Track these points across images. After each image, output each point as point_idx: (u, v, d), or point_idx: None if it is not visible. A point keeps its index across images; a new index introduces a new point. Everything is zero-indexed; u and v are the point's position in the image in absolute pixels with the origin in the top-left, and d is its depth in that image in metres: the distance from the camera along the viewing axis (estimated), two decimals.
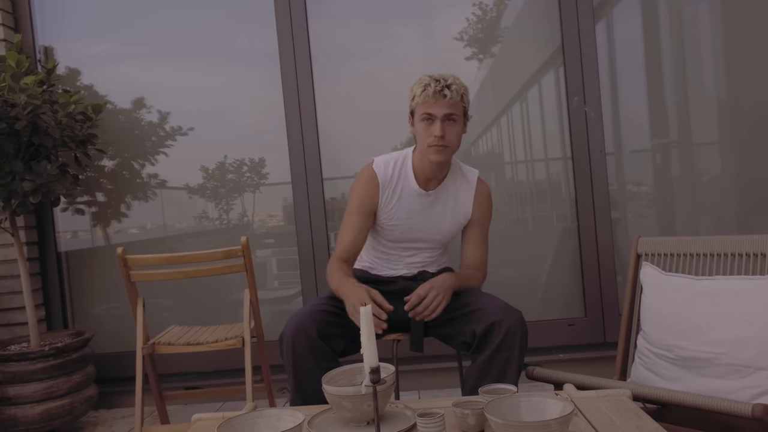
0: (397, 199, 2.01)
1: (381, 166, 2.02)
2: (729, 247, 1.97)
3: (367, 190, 2.01)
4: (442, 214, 2.05)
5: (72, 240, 3.24)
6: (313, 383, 1.80)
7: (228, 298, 3.20)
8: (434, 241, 2.09)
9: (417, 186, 2.01)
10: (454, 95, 1.86)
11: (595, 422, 1.40)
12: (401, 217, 2.03)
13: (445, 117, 1.87)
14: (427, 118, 1.89)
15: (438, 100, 1.85)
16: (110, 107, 3.16)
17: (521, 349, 1.80)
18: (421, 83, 1.90)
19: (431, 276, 2.07)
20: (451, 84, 1.87)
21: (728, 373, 1.76)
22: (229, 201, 3.20)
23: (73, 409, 2.63)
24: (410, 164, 2.02)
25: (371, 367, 1.17)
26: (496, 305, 1.85)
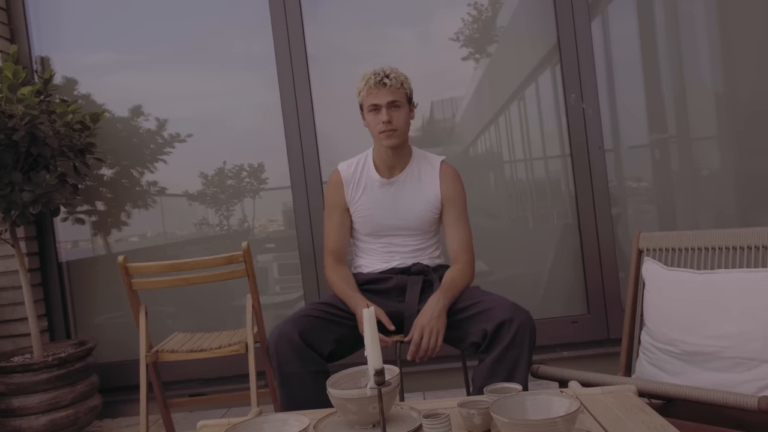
0: (361, 192, 2.12)
1: (344, 166, 2.17)
2: (730, 240, 1.97)
3: (333, 189, 2.16)
4: (410, 199, 2.10)
5: (73, 250, 3.24)
6: (301, 387, 1.82)
7: (230, 304, 3.19)
8: (410, 228, 2.11)
9: (378, 176, 2.10)
10: (393, 82, 1.99)
11: (601, 419, 1.40)
12: (368, 208, 2.11)
13: (389, 104, 2.00)
14: (373, 109, 2.02)
15: (380, 90, 1.99)
16: (108, 116, 3.16)
17: (530, 348, 1.81)
18: (363, 78, 2.04)
19: (426, 267, 2.08)
20: (390, 74, 2.01)
21: (733, 367, 1.76)
22: (229, 207, 3.20)
23: (77, 419, 2.63)
24: (371, 158, 2.14)
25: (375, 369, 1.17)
26: (505, 304, 1.85)
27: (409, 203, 2.10)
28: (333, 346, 1.90)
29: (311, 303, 2.03)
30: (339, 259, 2.13)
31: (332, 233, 2.15)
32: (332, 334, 1.91)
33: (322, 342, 1.88)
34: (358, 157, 2.18)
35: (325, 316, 1.93)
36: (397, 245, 2.12)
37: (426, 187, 2.11)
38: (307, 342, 1.84)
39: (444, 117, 3.14)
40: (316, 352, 1.85)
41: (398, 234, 2.12)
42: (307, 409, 1.75)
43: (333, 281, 2.09)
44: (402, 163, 2.11)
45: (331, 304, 1.99)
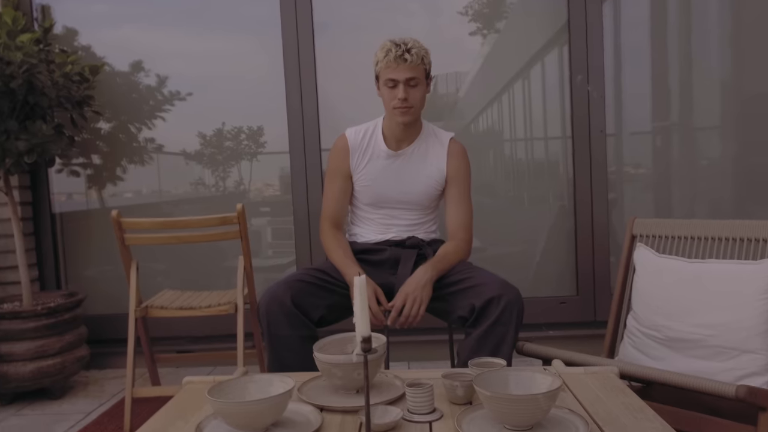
0: (367, 161, 2.10)
1: (352, 132, 2.13)
2: (723, 231, 1.98)
3: (338, 155, 2.12)
4: (415, 173, 2.09)
5: (67, 202, 3.23)
6: (290, 351, 1.83)
7: (222, 265, 3.20)
8: (411, 202, 2.11)
9: (386, 147, 2.08)
10: (414, 58, 1.94)
11: (581, 398, 1.42)
12: (371, 178, 2.09)
13: (407, 81, 1.95)
14: (390, 84, 1.97)
15: (399, 64, 1.93)
16: (108, 69, 3.12)
17: (517, 326, 1.83)
18: (383, 48, 1.98)
19: (421, 242, 2.09)
20: (411, 48, 1.94)
21: (714, 355, 1.78)
22: (226, 168, 3.19)
23: (64, 368, 2.65)
24: (380, 129, 2.11)
25: (363, 336, 1.18)
26: (495, 280, 1.86)
27: (414, 177, 2.09)
28: (323, 311, 1.91)
29: (304, 268, 2.04)
30: (337, 225, 2.12)
31: (332, 199, 2.13)
32: (323, 300, 1.92)
33: (313, 307, 1.89)
34: (367, 124, 2.14)
35: (317, 282, 1.94)
36: (395, 218, 2.12)
37: (432, 163, 2.09)
38: (298, 306, 1.85)
39: (447, 91, 3.12)
40: (306, 317, 1.86)
41: (398, 207, 2.12)
42: (294, 371, 1.77)
43: (330, 247, 2.07)
44: (411, 137, 2.09)
45: (323, 271, 2.00)
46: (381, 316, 1.91)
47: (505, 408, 1.18)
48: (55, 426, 2.42)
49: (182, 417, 1.41)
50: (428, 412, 1.34)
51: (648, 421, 1.26)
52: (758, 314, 1.74)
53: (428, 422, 1.31)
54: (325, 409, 1.40)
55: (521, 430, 1.21)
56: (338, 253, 2.03)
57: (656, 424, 1.25)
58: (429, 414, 1.34)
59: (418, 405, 1.34)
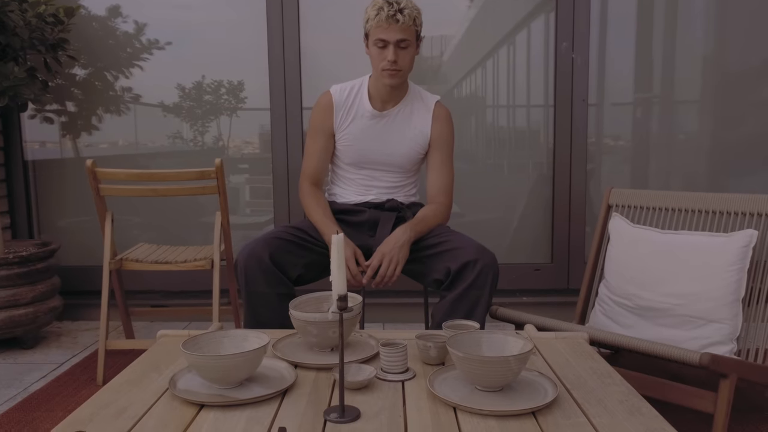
0: (351, 120, 2.07)
1: (337, 90, 2.09)
2: (696, 203, 2.01)
3: (322, 112, 2.09)
4: (399, 135, 2.07)
5: (40, 149, 3.15)
6: (267, 308, 1.84)
7: (198, 221, 3.17)
8: (393, 164, 2.10)
9: (371, 107, 2.06)
10: (406, 19, 1.89)
11: (551, 361, 1.45)
12: (355, 137, 2.07)
13: (397, 42, 1.91)
14: (380, 44, 1.93)
15: (391, 25, 1.89)
16: (84, 12, 3.01)
17: (491, 290, 1.84)
18: (374, 5, 1.93)
19: (400, 204, 2.09)
20: (404, 8, 1.90)
21: (681, 324, 1.84)
22: (204, 123, 3.13)
23: (36, 318, 2.63)
24: (366, 87, 2.08)
25: (339, 294, 1.18)
26: (472, 245, 1.87)
27: (397, 139, 2.07)
28: (301, 270, 1.92)
29: (282, 225, 2.02)
30: (317, 184, 2.10)
31: (314, 157, 2.10)
32: (301, 258, 1.92)
33: (291, 265, 1.89)
34: (353, 83, 2.10)
35: (296, 240, 1.94)
36: (376, 179, 2.11)
37: (416, 125, 2.08)
38: (276, 264, 1.85)
39: (432, 55, 3.08)
40: (284, 275, 1.86)
41: (380, 168, 2.10)
42: (270, 329, 1.78)
43: (309, 206, 2.05)
44: (397, 98, 2.06)
45: (302, 229, 2.00)
46: (360, 276, 1.92)
47: (476, 369, 1.20)
48: (26, 375, 2.41)
49: (156, 369, 1.41)
50: (401, 371, 1.36)
51: (614, 386, 1.30)
52: (726, 285, 1.79)
53: (401, 381, 1.34)
54: (299, 366, 1.42)
55: (492, 390, 1.24)
56: (318, 212, 2.02)
57: (622, 388, 1.29)
58: (402, 373, 1.36)
59: (391, 364, 1.36)
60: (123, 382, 1.34)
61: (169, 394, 1.27)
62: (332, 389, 1.30)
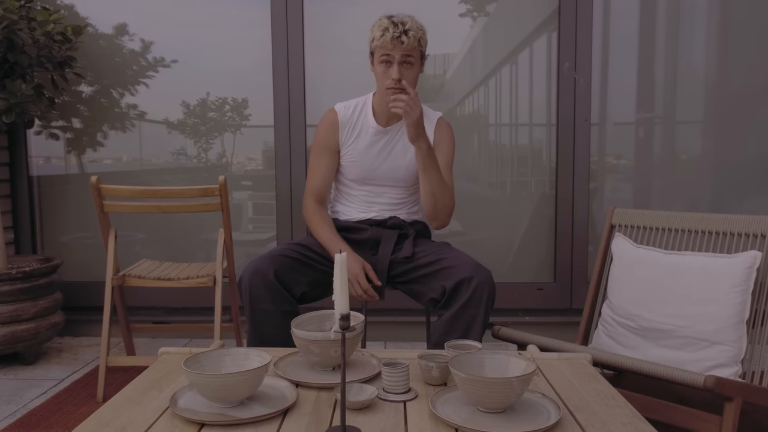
0: (356, 136, 2.08)
1: (342, 107, 2.11)
2: (700, 224, 2.01)
3: (327, 129, 2.10)
4: (403, 150, 2.08)
5: (45, 165, 3.17)
6: (271, 326, 1.83)
7: (201, 237, 3.18)
8: (398, 179, 2.10)
9: (375, 123, 2.07)
10: (411, 41, 1.91)
11: (554, 383, 1.44)
12: (359, 153, 2.08)
13: (401, 60, 1.93)
14: (385, 61, 1.95)
15: (396, 46, 1.91)
16: (91, 30, 3.05)
17: (487, 308, 1.82)
18: (380, 26, 1.94)
19: (402, 222, 2.09)
20: (409, 29, 1.91)
21: (685, 345, 1.82)
22: (208, 139, 3.15)
23: (38, 333, 2.62)
24: (370, 104, 2.09)
25: (341, 313, 1.18)
26: (466, 262, 1.87)
27: (401, 154, 2.08)
28: (305, 288, 1.91)
29: (286, 243, 2.02)
30: (321, 201, 2.10)
31: (318, 174, 2.10)
32: (305, 276, 1.92)
33: (295, 283, 1.89)
34: (357, 100, 2.12)
35: (301, 258, 1.93)
36: (379, 195, 2.11)
37: None
38: (281, 281, 1.85)
39: (434, 73, 3.10)
40: (288, 293, 1.86)
41: (383, 184, 2.11)
42: (274, 346, 1.77)
43: (314, 223, 2.05)
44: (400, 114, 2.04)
45: (306, 246, 1.99)
46: (372, 291, 1.93)
47: (479, 390, 1.19)
48: (26, 392, 2.40)
49: (157, 387, 1.40)
50: (403, 391, 1.35)
51: (618, 408, 1.29)
52: (730, 307, 1.78)
53: (403, 402, 1.33)
54: (300, 385, 1.41)
55: (494, 412, 1.23)
56: (324, 229, 2.02)
57: (626, 410, 1.28)
58: (404, 393, 1.35)
59: (393, 384, 1.35)
60: (123, 399, 1.33)
61: (170, 413, 1.26)
62: (334, 409, 1.29)
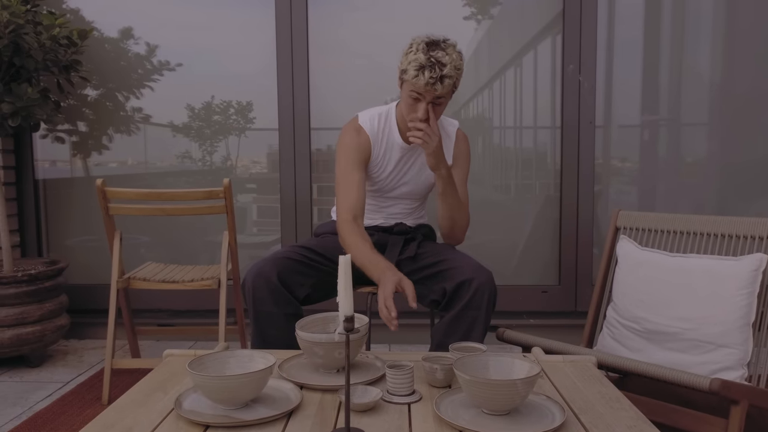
0: (383, 153, 2.02)
1: (367, 122, 2.00)
2: (705, 227, 2.00)
3: (359, 144, 1.98)
4: (420, 167, 2.06)
5: (50, 168, 3.18)
6: (274, 328, 1.83)
7: (205, 240, 3.19)
8: (410, 193, 2.10)
9: (401, 141, 2.02)
10: (445, 88, 1.80)
11: (559, 385, 1.44)
12: (389, 170, 2.04)
13: (432, 100, 1.83)
14: (415, 96, 1.84)
15: (428, 91, 1.80)
16: (96, 34, 3.06)
17: (488, 309, 1.81)
18: (416, 62, 1.78)
19: (408, 228, 2.09)
20: (446, 76, 1.78)
21: (691, 348, 1.82)
22: (213, 143, 3.16)
23: (44, 336, 2.63)
24: (394, 118, 2.02)
25: (346, 315, 1.18)
26: (468, 264, 1.86)
27: (418, 171, 2.05)
28: (309, 290, 1.91)
29: (291, 245, 2.01)
30: (358, 218, 1.92)
31: (354, 190, 1.93)
32: (309, 278, 1.91)
33: (299, 285, 1.88)
34: (380, 112, 2.02)
35: (304, 260, 1.93)
36: (387, 207, 2.10)
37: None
38: (284, 284, 1.84)
39: None
40: (292, 295, 1.86)
41: (394, 197, 2.09)
42: (277, 349, 1.77)
43: (353, 243, 1.85)
44: None
45: (310, 249, 1.99)
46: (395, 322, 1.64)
47: (483, 392, 1.19)
48: (32, 394, 2.40)
49: (162, 389, 1.41)
50: (408, 393, 1.35)
51: (623, 411, 1.28)
52: (735, 310, 1.77)
53: (407, 403, 1.33)
54: (305, 387, 1.41)
55: (499, 414, 1.23)
56: (363, 250, 1.82)
57: (631, 413, 1.27)
58: (408, 396, 1.35)
59: (398, 386, 1.35)
60: (128, 401, 1.33)
61: (175, 415, 1.26)
62: (338, 411, 1.29)
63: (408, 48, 1.84)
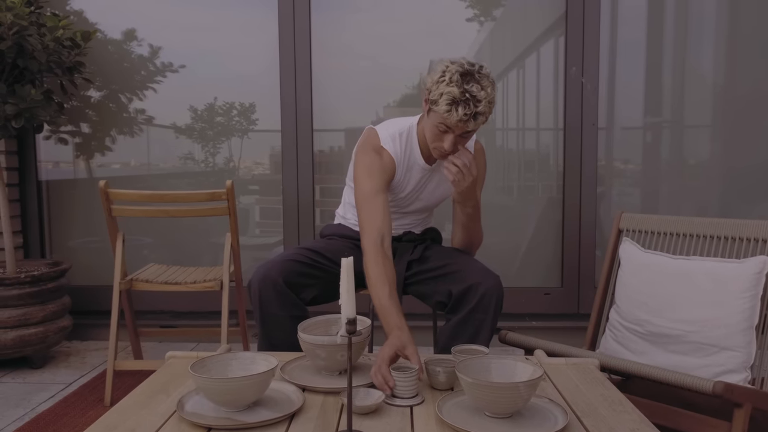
0: (405, 172, 1.94)
1: (389, 141, 1.89)
2: (708, 229, 2.00)
3: (382, 167, 1.87)
4: (436, 184, 2.02)
5: (53, 170, 3.19)
6: (280, 330, 1.82)
7: (208, 241, 3.19)
8: (429, 206, 2.09)
9: (423, 162, 1.94)
10: (478, 123, 1.67)
11: (562, 388, 1.44)
12: (408, 190, 1.99)
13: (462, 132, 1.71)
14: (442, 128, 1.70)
15: (459, 127, 1.67)
16: (100, 36, 3.07)
17: (495, 314, 1.81)
18: (448, 96, 1.62)
19: (415, 236, 2.08)
20: (480, 112, 1.64)
21: (694, 351, 1.81)
22: (216, 144, 3.16)
23: (46, 337, 2.64)
24: (416, 137, 1.91)
25: (348, 318, 1.18)
26: (476, 268, 1.86)
27: (434, 189, 2.02)
28: (315, 292, 1.90)
29: (296, 247, 1.99)
30: (386, 241, 1.76)
31: (380, 215, 1.79)
32: (316, 280, 1.90)
33: (305, 287, 1.87)
34: (400, 131, 1.90)
35: (310, 262, 1.91)
36: (402, 217, 2.07)
37: None
38: (290, 286, 1.83)
39: None
40: (298, 297, 1.86)
41: (407, 212, 2.07)
42: (283, 351, 1.77)
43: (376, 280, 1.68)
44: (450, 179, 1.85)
45: (316, 251, 1.97)
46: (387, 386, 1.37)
47: (486, 395, 1.19)
48: (34, 395, 2.41)
49: (164, 391, 1.41)
50: (411, 396, 1.35)
51: (626, 414, 1.28)
52: (738, 312, 1.77)
53: (409, 406, 1.32)
54: (307, 389, 1.41)
55: (501, 417, 1.23)
56: (384, 292, 1.65)
57: (634, 416, 1.27)
58: (411, 398, 1.35)
59: (402, 389, 1.35)
60: (131, 403, 1.33)
61: (177, 417, 1.26)
62: (340, 413, 1.29)
63: (440, 76, 1.66)
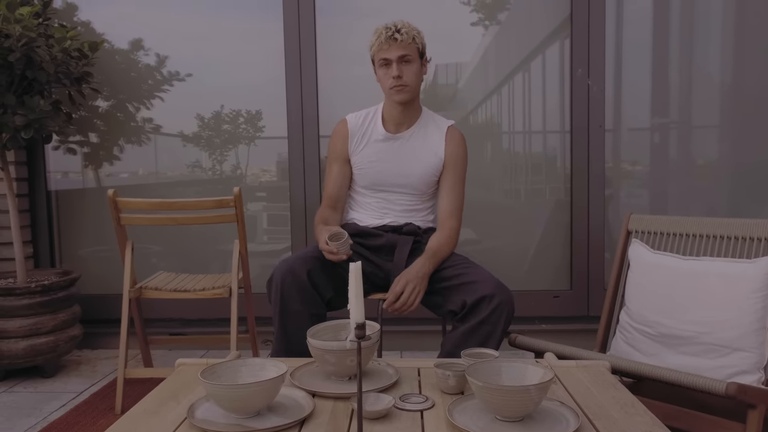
0: (364, 144, 2.12)
1: (352, 117, 2.16)
2: (718, 229, 1.98)
3: (337, 139, 2.16)
4: (413, 156, 2.10)
5: (62, 179, 3.21)
6: (299, 327, 1.82)
7: (216, 249, 3.20)
8: (408, 186, 2.11)
9: (384, 130, 2.11)
10: (404, 37, 1.97)
11: (573, 391, 1.43)
12: (369, 160, 2.11)
13: (399, 59, 1.98)
14: (384, 64, 2.01)
15: (391, 45, 1.97)
16: (107, 46, 3.09)
17: (504, 327, 1.85)
18: (375, 33, 2.02)
19: (417, 228, 2.09)
20: (401, 28, 1.99)
21: (706, 352, 1.80)
22: (223, 152, 3.17)
23: (57, 346, 2.65)
24: (380, 112, 2.14)
25: (357, 323, 1.18)
26: (490, 280, 1.87)
27: (411, 161, 2.10)
28: (332, 293, 1.92)
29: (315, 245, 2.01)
30: (333, 206, 2.14)
31: (330, 181, 2.16)
32: (334, 280, 1.93)
33: (326, 286, 1.91)
34: (368, 109, 2.17)
35: (330, 263, 1.94)
36: (392, 202, 2.13)
37: (430, 147, 2.10)
38: (313, 283, 1.85)
39: (447, 82, 3.11)
40: (319, 295, 1.87)
41: (395, 191, 2.12)
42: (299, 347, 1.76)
43: (315, 222, 2.09)
44: (410, 121, 2.11)
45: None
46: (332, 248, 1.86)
47: (496, 399, 1.18)
48: (46, 404, 2.42)
49: (174, 398, 1.41)
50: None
51: (638, 416, 1.27)
52: (750, 313, 1.75)
53: (420, 410, 1.32)
54: (317, 395, 1.41)
55: (512, 420, 1.22)
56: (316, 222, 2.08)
57: (646, 418, 1.26)
58: (421, 403, 1.34)
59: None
60: (141, 411, 1.34)
61: (188, 424, 1.26)
62: (350, 419, 1.29)
63: None
